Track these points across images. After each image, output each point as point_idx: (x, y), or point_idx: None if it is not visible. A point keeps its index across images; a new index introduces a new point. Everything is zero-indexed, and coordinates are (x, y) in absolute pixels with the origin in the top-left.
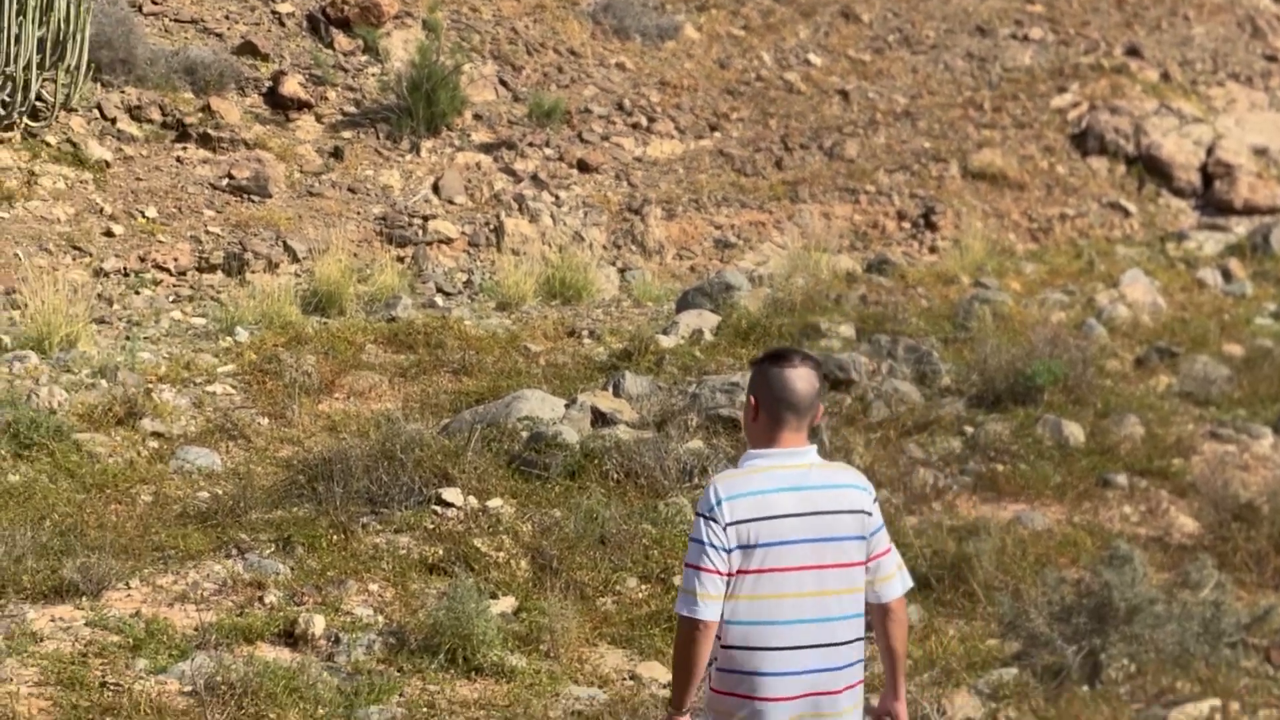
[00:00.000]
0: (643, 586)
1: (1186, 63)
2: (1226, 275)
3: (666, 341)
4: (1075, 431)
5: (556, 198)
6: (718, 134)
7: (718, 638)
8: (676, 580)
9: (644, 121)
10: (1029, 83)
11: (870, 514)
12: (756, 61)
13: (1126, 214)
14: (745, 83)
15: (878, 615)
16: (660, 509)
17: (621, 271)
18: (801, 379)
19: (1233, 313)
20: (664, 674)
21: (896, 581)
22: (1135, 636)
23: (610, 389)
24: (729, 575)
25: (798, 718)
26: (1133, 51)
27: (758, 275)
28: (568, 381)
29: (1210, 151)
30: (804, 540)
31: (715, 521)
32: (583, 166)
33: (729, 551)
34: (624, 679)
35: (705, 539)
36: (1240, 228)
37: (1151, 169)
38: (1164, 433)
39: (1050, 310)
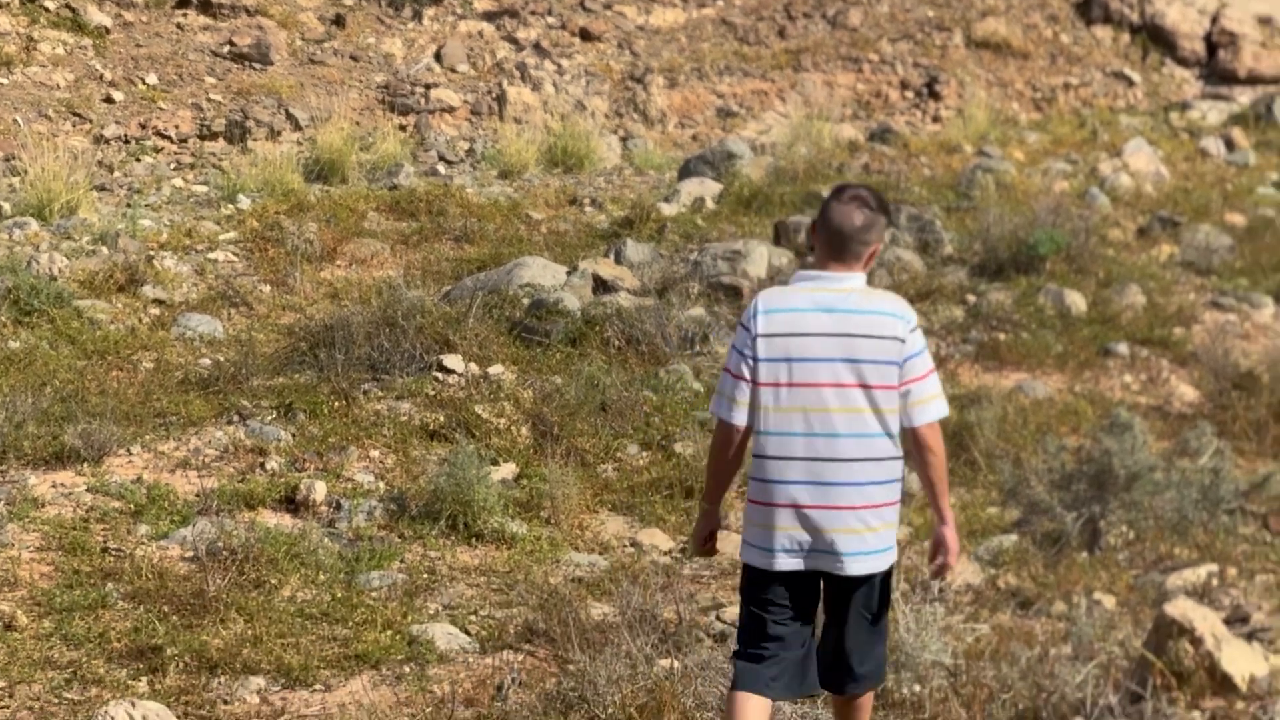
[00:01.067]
0: (643, 453)
1: None
2: (1229, 145)
3: (668, 209)
4: (1077, 300)
5: (559, 66)
6: (720, 2)
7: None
8: (678, 447)
9: None
10: None
11: (904, 341)
12: None
13: (1130, 83)
14: None
15: (910, 440)
16: (661, 376)
17: (623, 140)
18: (848, 213)
19: (1235, 182)
20: (664, 541)
21: (926, 408)
22: (1134, 503)
23: (612, 256)
24: (755, 384)
25: (788, 526)
26: None
27: (760, 144)
28: (569, 249)
29: (1215, 20)
30: (831, 359)
31: (748, 331)
32: (585, 35)
33: (756, 361)
34: (624, 545)
35: (739, 346)
36: (1244, 97)
37: (1155, 38)
38: (1165, 302)
39: (1053, 180)
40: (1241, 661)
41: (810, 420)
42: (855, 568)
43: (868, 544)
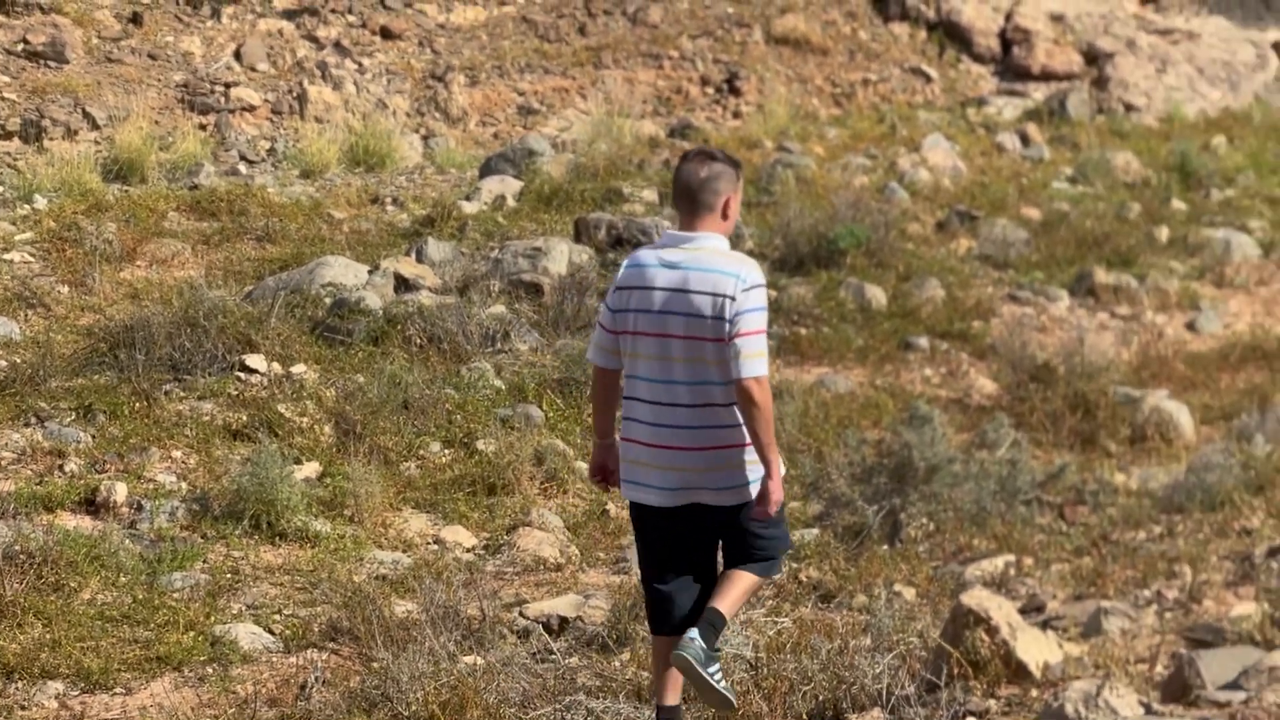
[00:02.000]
0: (446, 451)
1: None
2: (1025, 140)
3: (469, 208)
4: (877, 295)
5: (360, 65)
6: (521, 0)
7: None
8: (480, 444)
9: None
10: None
11: (735, 299)
12: None
13: (928, 79)
14: None
15: (736, 392)
16: (463, 374)
17: (425, 139)
18: (693, 170)
19: (1031, 177)
20: (468, 538)
21: (746, 363)
22: (934, 495)
23: (413, 255)
24: (616, 332)
25: (645, 463)
26: None
27: (561, 141)
28: (371, 248)
29: (1009, 18)
30: (668, 312)
31: (612, 285)
32: (386, 33)
33: (612, 311)
34: (428, 543)
35: (606, 299)
36: (1038, 93)
37: (952, 35)
38: (964, 296)
39: (853, 175)
40: (1036, 650)
41: (653, 366)
42: (712, 499)
43: (712, 480)
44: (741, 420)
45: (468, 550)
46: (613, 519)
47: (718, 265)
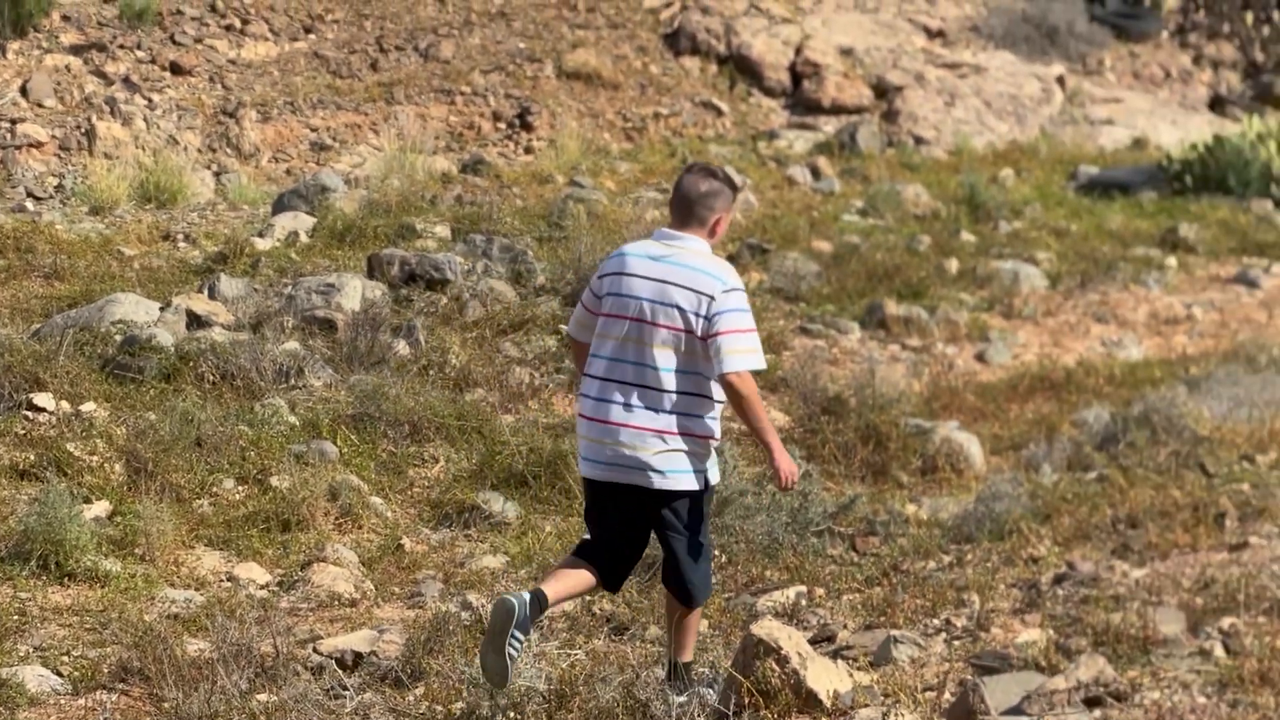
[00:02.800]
0: (240, 488)
1: None
2: (815, 173)
3: (262, 244)
4: None
5: (149, 101)
6: (312, 36)
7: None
8: (275, 480)
9: (237, 23)
10: None
11: (715, 298)
12: None
13: (719, 113)
14: None
15: (723, 386)
16: (257, 410)
17: (217, 175)
18: (695, 181)
19: (821, 209)
20: (261, 574)
21: (731, 359)
22: (727, 527)
23: (206, 292)
24: (595, 312)
25: (598, 437)
26: None
27: (354, 177)
28: (163, 285)
29: (799, 51)
30: (641, 297)
31: (598, 270)
32: (176, 69)
33: (597, 295)
34: (221, 580)
35: (591, 281)
36: (828, 126)
37: (742, 69)
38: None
39: (644, 208)
40: (826, 679)
41: (614, 346)
42: (641, 480)
43: (653, 463)
44: (736, 412)
45: (261, 587)
46: (408, 553)
47: (700, 265)
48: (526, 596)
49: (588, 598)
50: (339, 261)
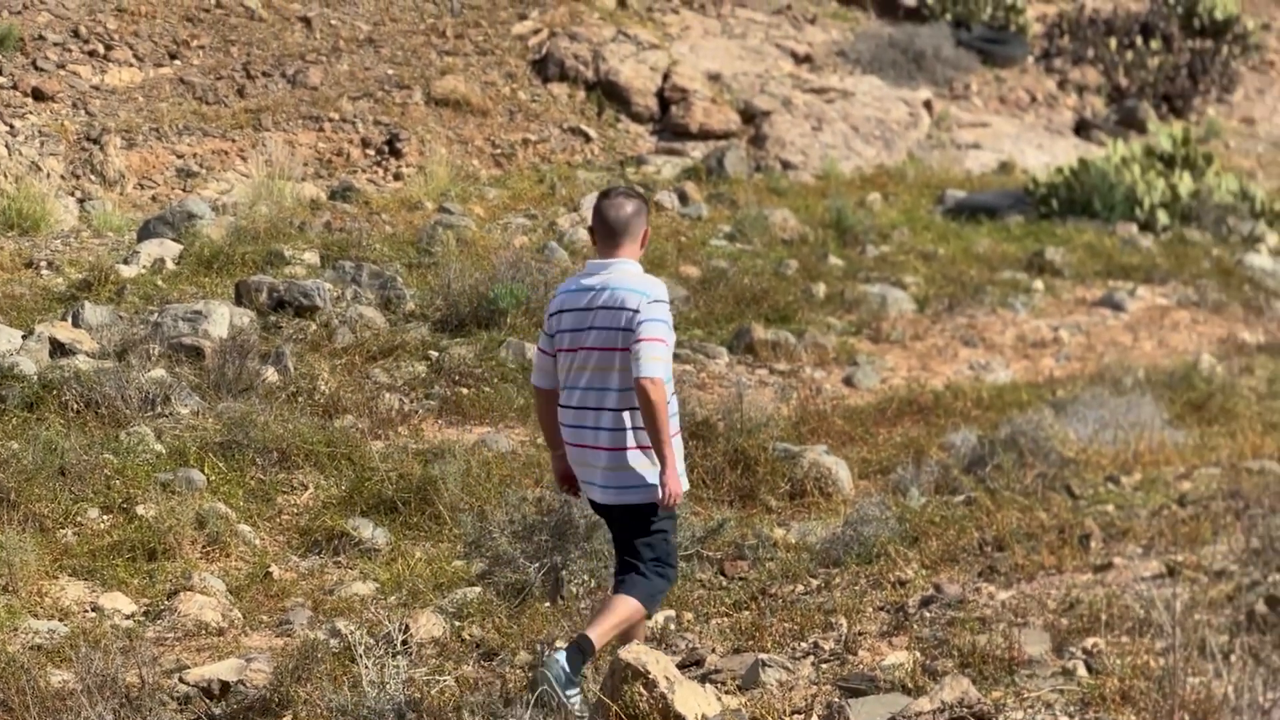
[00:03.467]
0: (104, 517)
1: None
2: (684, 198)
3: (128, 271)
4: None
5: (11, 127)
6: (178, 62)
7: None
8: (140, 509)
9: (101, 49)
10: (490, 10)
11: (638, 311)
12: None
13: (587, 139)
14: (205, 9)
15: (637, 392)
16: (122, 438)
17: (81, 202)
18: (611, 208)
19: (690, 235)
20: (127, 604)
21: (640, 364)
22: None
23: (70, 320)
24: (553, 353)
25: (575, 459)
26: None
27: (222, 204)
28: (25, 313)
29: (666, 77)
30: (588, 328)
31: (547, 311)
32: (38, 95)
33: (550, 335)
34: (85, 610)
35: (544, 326)
36: (696, 152)
37: (610, 95)
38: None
39: (513, 234)
40: (693, 703)
41: (572, 377)
42: (603, 497)
43: (610, 479)
44: (642, 417)
45: (127, 617)
46: (276, 581)
47: (628, 284)
48: (560, 659)
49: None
50: (206, 289)
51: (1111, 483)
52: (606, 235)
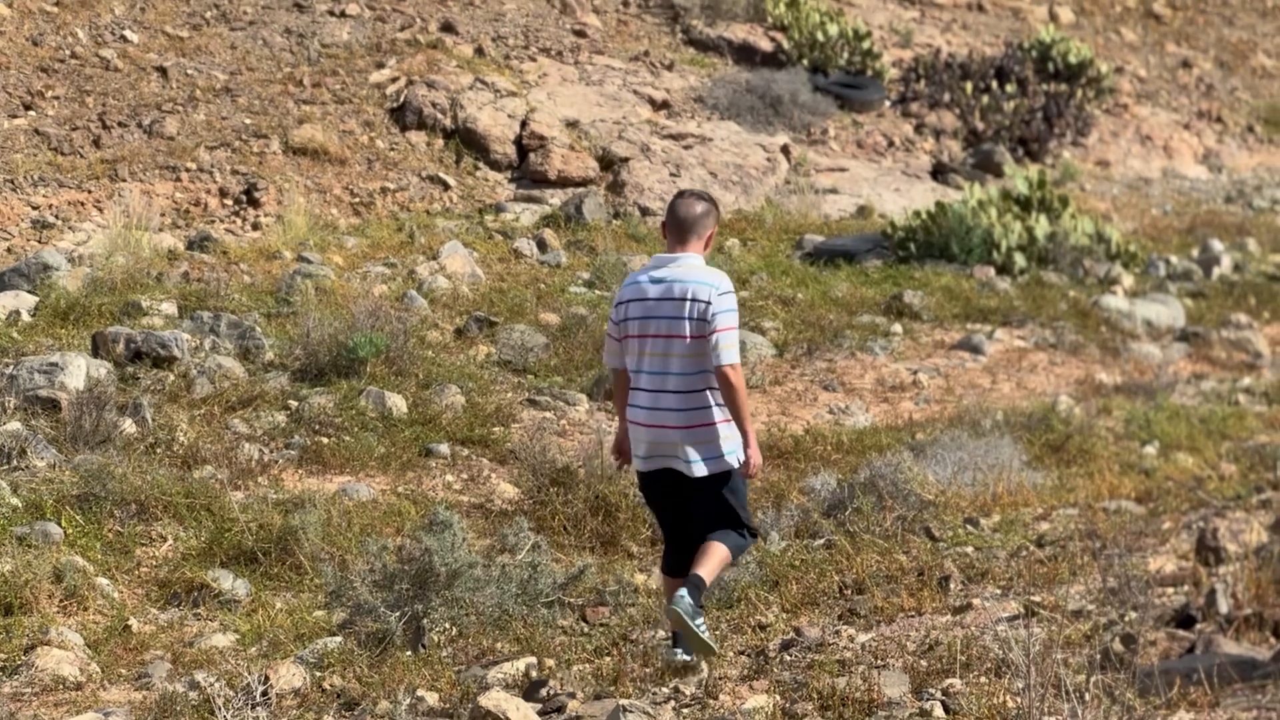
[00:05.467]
0: None
1: (499, 38)
2: (542, 245)
3: None
4: (398, 402)
5: None
6: (33, 113)
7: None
8: None
9: None
10: (348, 58)
11: (710, 303)
12: (71, 38)
13: (446, 187)
14: (60, 60)
15: (717, 378)
16: None
17: None
18: (684, 206)
19: (548, 282)
20: None
21: (722, 353)
22: (456, 600)
23: None
24: (621, 339)
25: (650, 441)
26: (448, 27)
27: (78, 255)
28: None
29: (525, 125)
30: (659, 316)
31: (614, 301)
32: None
33: (615, 322)
34: None
35: (611, 314)
36: (555, 199)
37: (469, 142)
38: (484, 401)
39: (372, 283)
40: None
41: (650, 361)
42: (693, 470)
43: (692, 454)
44: (724, 399)
45: None
46: (135, 634)
47: (697, 277)
48: (684, 594)
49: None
50: (63, 340)
51: (970, 524)
52: (676, 230)
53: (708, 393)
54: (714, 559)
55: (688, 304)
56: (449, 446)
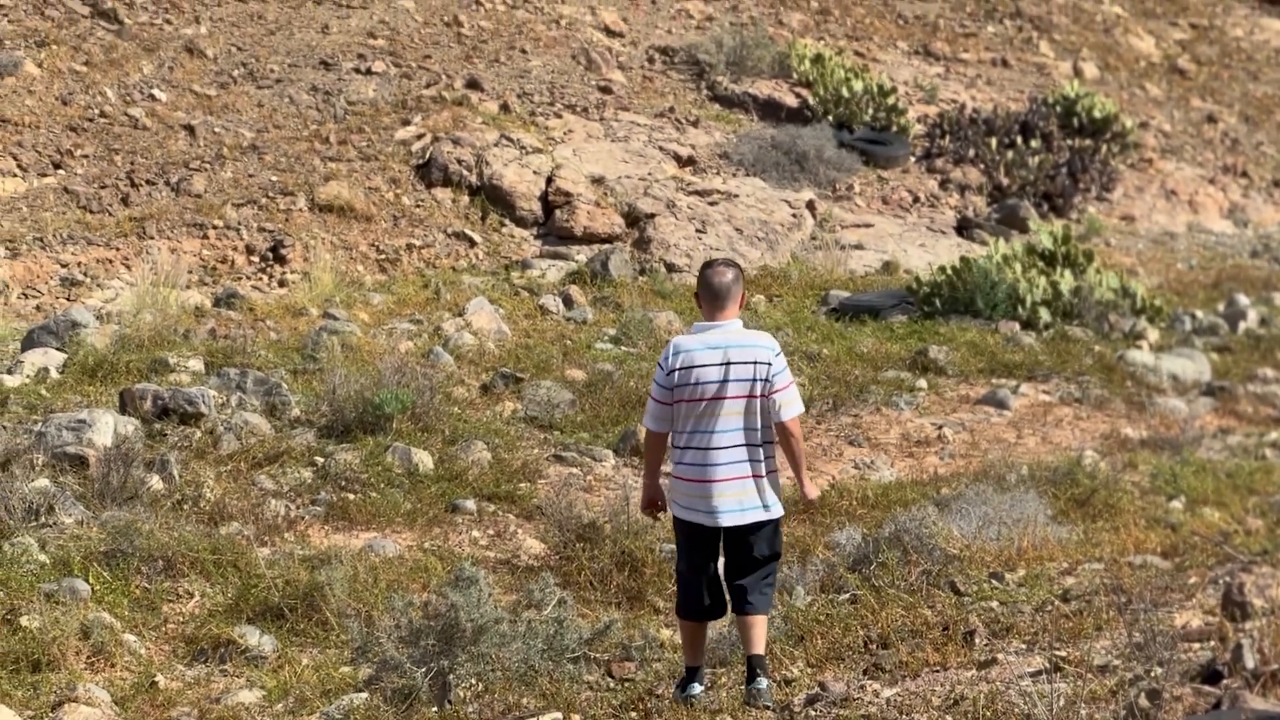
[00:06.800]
0: None
1: (525, 94)
2: (568, 302)
3: (11, 381)
4: (424, 458)
5: None
6: (62, 171)
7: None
8: (25, 620)
9: None
10: (373, 115)
11: (770, 364)
12: (100, 97)
13: (472, 243)
14: (89, 119)
15: (778, 431)
16: (5, 549)
17: None
18: (716, 275)
19: (575, 338)
20: (10, 716)
21: (788, 408)
22: (482, 656)
23: None
24: (671, 403)
25: (703, 494)
26: (473, 84)
27: (106, 312)
28: None
29: (550, 181)
30: (715, 381)
31: (663, 368)
32: None
33: (668, 388)
34: None
35: (658, 380)
36: (581, 255)
37: (495, 199)
38: (510, 457)
39: (398, 340)
40: None
41: (708, 421)
42: (750, 517)
43: (752, 501)
44: (786, 449)
45: None
46: (162, 690)
47: (750, 341)
48: (763, 687)
49: None
50: (91, 397)
51: (995, 579)
52: (714, 299)
53: (764, 446)
54: (764, 632)
55: (751, 367)
56: (475, 502)
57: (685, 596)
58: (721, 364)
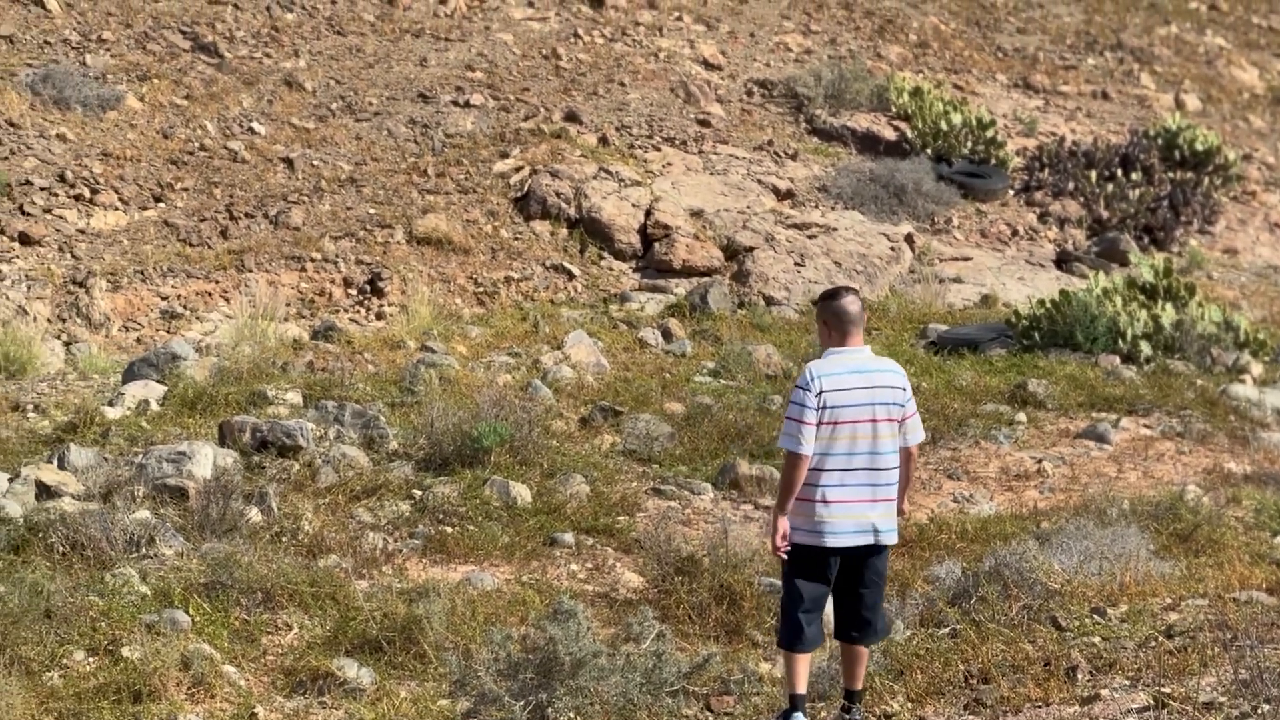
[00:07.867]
0: (90, 659)
1: (623, 127)
2: (667, 335)
3: (112, 413)
4: (522, 492)
5: None
6: (162, 204)
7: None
8: (126, 651)
9: (87, 193)
10: (471, 148)
11: (905, 389)
12: (200, 131)
13: (570, 276)
14: (189, 152)
15: (901, 454)
16: (108, 580)
17: (67, 344)
18: (851, 303)
19: (673, 371)
20: None
21: (915, 434)
22: (581, 689)
23: (55, 462)
24: (818, 425)
25: (851, 515)
26: (571, 117)
27: (205, 345)
28: (11, 455)
29: (649, 214)
30: (862, 404)
31: (809, 391)
32: (25, 239)
33: (817, 410)
34: None
35: (803, 401)
36: (680, 288)
37: (593, 232)
38: (609, 490)
39: (496, 373)
40: None
41: (853, 444)
42: (885, 539)
43: (888, 523)
44: (904, 470)
45: None
46: None
47: (887, 367)
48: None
49: None
50: (190, 429)
51: (1097, 614)
52: (847, 326)
53: (898, 470)
54: (865, 668)
55: (891, 391)
56: (573, 535)
57: (803, 628)
58: (869, 387)
